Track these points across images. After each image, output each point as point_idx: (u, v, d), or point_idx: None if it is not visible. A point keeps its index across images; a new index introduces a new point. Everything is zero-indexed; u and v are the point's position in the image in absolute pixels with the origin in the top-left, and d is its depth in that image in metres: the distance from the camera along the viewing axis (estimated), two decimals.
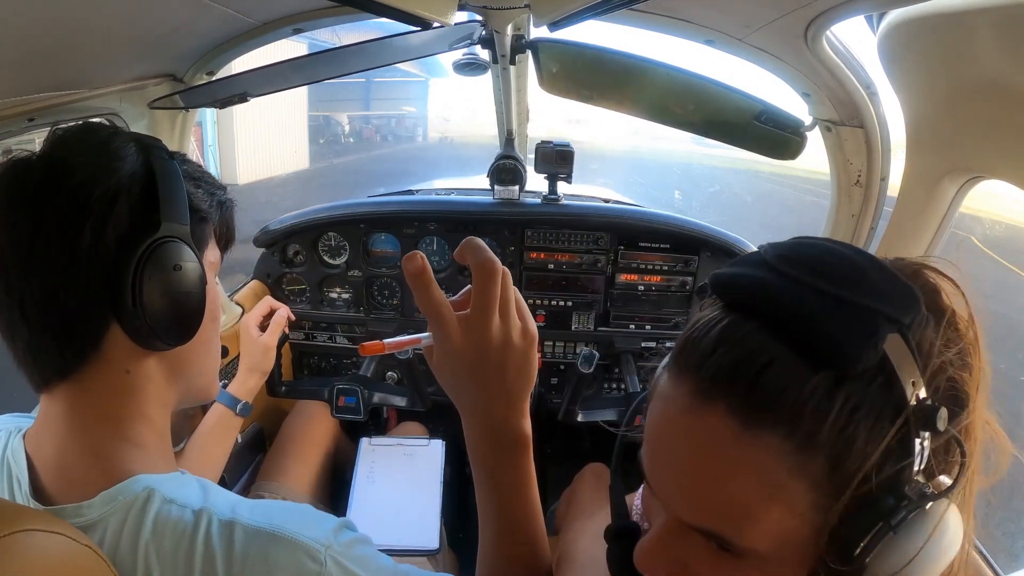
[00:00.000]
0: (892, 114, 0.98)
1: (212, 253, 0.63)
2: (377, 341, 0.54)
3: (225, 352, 0.75)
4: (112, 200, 0.51)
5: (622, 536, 0.50)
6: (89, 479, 0.52)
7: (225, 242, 0.66)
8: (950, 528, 0.36)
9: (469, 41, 1.12)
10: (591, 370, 1.17)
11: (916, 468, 0.36)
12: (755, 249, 0.42)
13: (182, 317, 0.56)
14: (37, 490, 0.53)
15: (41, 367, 0.53)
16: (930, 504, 0.35)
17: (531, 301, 1.47)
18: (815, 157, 1.15)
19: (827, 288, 0.35)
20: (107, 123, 0.59)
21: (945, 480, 0.37)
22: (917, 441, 0.35)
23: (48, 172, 0.51)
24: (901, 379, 0.35)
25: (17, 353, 0.53)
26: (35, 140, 0.56)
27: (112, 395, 0.55)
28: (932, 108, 0.80)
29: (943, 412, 0.35)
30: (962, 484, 0.36)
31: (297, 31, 1.06)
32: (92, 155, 0.53)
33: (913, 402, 0.35)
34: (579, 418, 1.31)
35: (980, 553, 0.79)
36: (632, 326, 1.48)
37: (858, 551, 0.35)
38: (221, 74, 1.15)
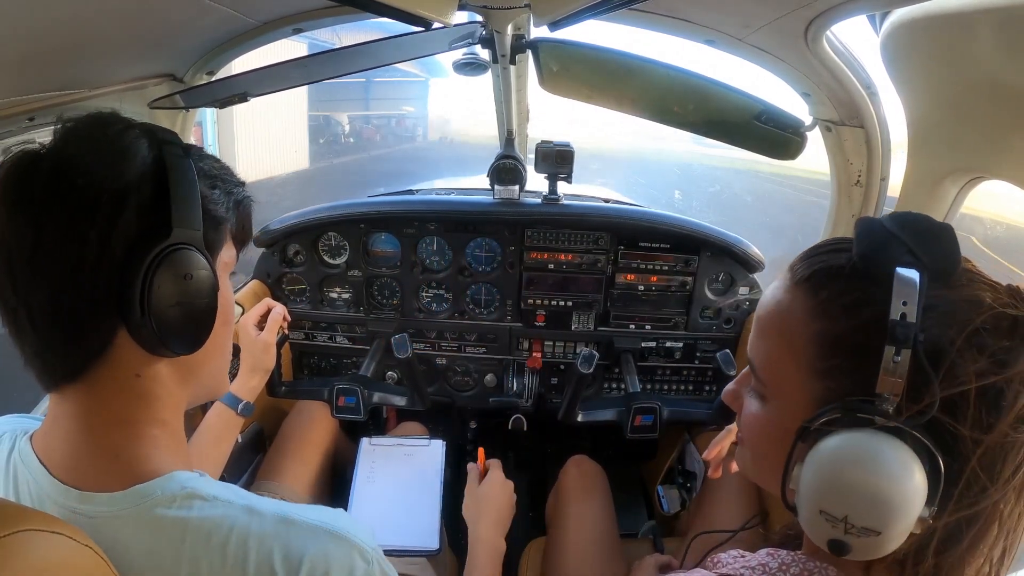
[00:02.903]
0: (892, 114, 0.98)
1: (227, 253, 0.61)
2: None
3: (236, 351, 0.74)
4: (120, 203, 0.49)
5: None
6: (108, 479, 0.51)
7: (241, 241, 0.64)
8: (898, 465, 0.41)
9: (469, 41, 1.12)
10: (591, 370, 1.17)
11: (886, 381, 0.42)
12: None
13: (192, 326, 0.54)
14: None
15: (49, 369, 0.52)
16: (889, 433, 0.41)
17: (531, 301, 1.47)
18: (815, 157, 1.15)
19: (899, 233, 0.46)
20: (113, 115, 0.56)
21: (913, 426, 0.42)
22: (888, 350, 0.41)
23: (53, 172, 0.49)
24: (894, 296, 0.42)
25: (25, 354, 0.52)
26: (35, 140, 0.53)
27: (123, 398, 0.54)
28: (934, 108, 0.80)
29: (918, 337, 0.41)
30: (912, 423, 0.42)
31: (297, 31, 1.06)
32: (100, 153, 0.50)
33: (896, 318, 0.42)
34: (579, 418, 1.30)
35: None
36: (632, 326, 1.48)
37: (807, 424, 0.45)
38: (221, 74, 1.15)
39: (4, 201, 0.49)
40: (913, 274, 0.43)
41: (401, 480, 1.13)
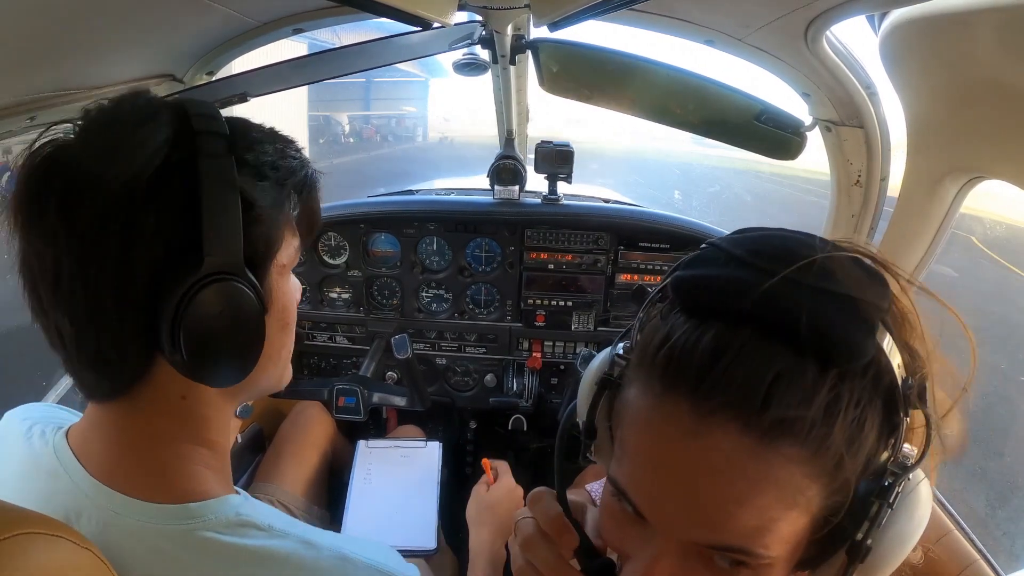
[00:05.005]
0: (892, 114, 0.98)
1: (286, 253, 0.53)
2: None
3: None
4: (138, 229, 0.42)
5: (597, 572, 0.45)
6: (154, 492, 0.48)
7: (308, 227, 0.56)
8: (924, 492, 0.38)
9: (469, 41, 1.11)
10: None
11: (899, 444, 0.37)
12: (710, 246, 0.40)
13: (235, 360, 0.48)
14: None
15: (88, 387, 0.49)
16: (911, 475, 0.37)
17: (531, 301, 1.47)
18: (815, 157, 1.14)
19: (815, 283, 0.34)
20: (144, 100, 0.47)
21: (910, 448, 0.38)
22: (905, 420, 0.37)
23: (66, 187, 0.43)
24: (891, 365, 0.36)
25: (65, 368, 0.48)
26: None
27: (169, 419, 0.50)
28: (934, 108, 0.80)
29: (926, 389, 0.37)
30: (929, 449, 0.38)
31: (297, 31, 1.06)
32: (114, 163, 0.43)
33: (901, 385, 0.37)
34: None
35: (980, 553, 0.79)
36: None
37: (861, 535, 0.37)
38: (221, 74, 1.15)
39: (19, 224, 0.44)
40: (884, 334, 0.37)
41: (398, 481, 1.13)
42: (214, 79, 1.13)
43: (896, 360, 0.39)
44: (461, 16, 0.95)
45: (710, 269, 0.37)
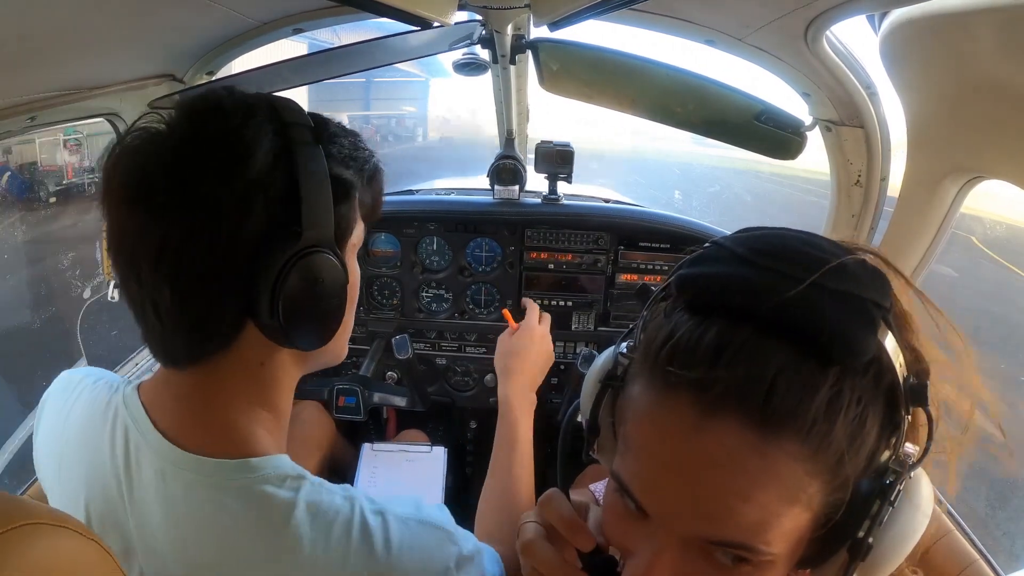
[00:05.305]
0: (892, 114, 0.98)
1: (357, 234, 0.59)
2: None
3: None
4: (246, 207, 0.47)
5: (600, 569, 0.45)
6: (218, 447, 0.52)
7: (372, 215, 0.62)
8: (926, 491, 0.38)
9: (469, 41, 1.11)
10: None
11: (907, 441, 0.38)
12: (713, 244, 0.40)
13: (323, 325, 0.54)
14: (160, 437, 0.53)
15: (172, 354, 0.52)
16: (913, 473, 0.37)
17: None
18: (815, 157, 1.14)
19: (818, 280, 0.34)
20: (240, 94, 0.52)
21: (912, 447, 0.38)
22: (907, 419, 0.37)
23: (174, 172, 0.47)
24: (892, 363, 0.36)
25: (148, 339, 0.52)
26: (35, 141, 0.51)
27: (245, 383, 0.54)
28: (934, 108, 0.80)
29: (928, 387, 0.37)
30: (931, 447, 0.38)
31: (297, 31, 1.06)
32: (223, 152, 0.47)
33: (903, 383, 0.36)
34: (579, 418, 1.30)
35: (980, 553, 0.79)
36: (632, 325, 1.48)
37: (862, 533, 0.37)
38: (221, 74, 1.15)
39: (124, 198, 0.48)
40: (885, 330, 0.36)
41: (403, 485, 1.13)
42: (214, 79, 1.13)
43: (899, 360, 0.39)
44: (461, 16, 0.95)
45: (713, 267, 0.38)
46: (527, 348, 1.03)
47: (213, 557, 0.51)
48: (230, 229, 0.47)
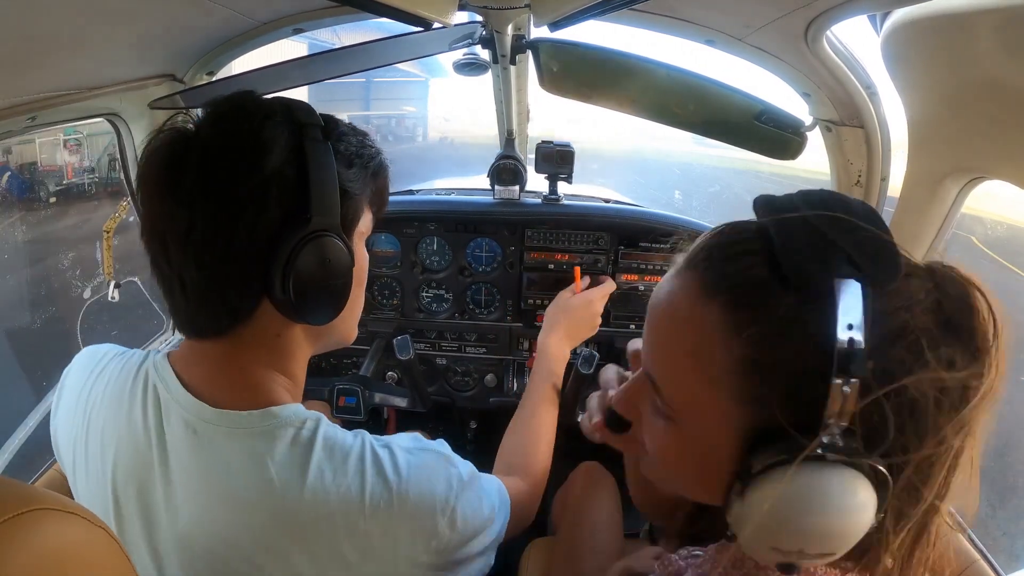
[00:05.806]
0: (892, 114, 0.98)
1: (364, 224, 0.66)
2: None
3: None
4: (264, 197, 0.53)
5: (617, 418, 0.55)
6: (242, 402, 0.58)
7: (379, 207, 0.69)
8: (851, 496, 0.37)
9: (469, 41, 1.11)
10: (592, 371, 1.17)
11: (833, 414, 0.36)
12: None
13: (330, 301, 0.61)
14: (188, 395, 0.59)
15: (198, 328, 0.59)
16: (839, 464, 0.36)
17: (532, 301, 1.47)
18: (815, 157, 1.14)
19: (815, 220, 0.39)
20: (259, 97, 0.59)
21: (858, 449, 0.37)
22: (837, 383, 0.36)
23: (202, 165, 0.53)
24: (839, 317, 0.36)
25: (175, 314, 0.59)
26: (35, 141, 0.54)
27: (263, 352, 0.61)
28: (935, 108, 0.80)
29: (868, 364, 0.36)
30: (876, 460, 0.37)
31: (297, 31, 1.06)
32: (245, 147, 0.54)
33: (844, 345, 0.36)
34: (579, 418, 1.30)
35: (980, 553, 0.79)
36: (632, 326, 1.48)
37: (754, 470, 0.38)
38: (221, 74, 1.15)
39: (158, 184, 0.54)
40: (856, 288, 0.37)
41: None
42: (214, 79, 1.13)
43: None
44: (461, 16, 0.95)
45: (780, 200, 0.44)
46: (580, 309, 1.17)
47: (241, 500, 0.55)
48: (248, 217, 0.53)
